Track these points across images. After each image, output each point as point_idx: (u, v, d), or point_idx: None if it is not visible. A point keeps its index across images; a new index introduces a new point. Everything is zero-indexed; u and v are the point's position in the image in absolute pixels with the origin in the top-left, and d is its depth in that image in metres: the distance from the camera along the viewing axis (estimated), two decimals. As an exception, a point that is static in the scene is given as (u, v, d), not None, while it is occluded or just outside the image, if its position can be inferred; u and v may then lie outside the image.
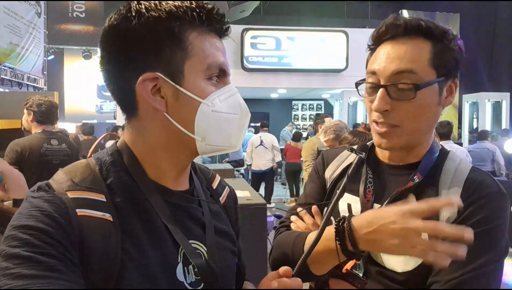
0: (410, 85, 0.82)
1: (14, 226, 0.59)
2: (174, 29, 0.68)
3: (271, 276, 0.75)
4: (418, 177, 0.87)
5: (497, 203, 0.82)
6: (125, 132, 0.77)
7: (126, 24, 0.68)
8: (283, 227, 1.03)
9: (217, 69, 0.72)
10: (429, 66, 0.83)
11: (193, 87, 0.70)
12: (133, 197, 0.70)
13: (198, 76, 0.70)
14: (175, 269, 0.70)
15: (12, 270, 0.55)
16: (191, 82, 0.69)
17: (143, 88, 0.69)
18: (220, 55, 0.73)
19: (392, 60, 0.84)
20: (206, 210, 0.80)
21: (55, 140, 3.09)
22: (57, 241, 0.59)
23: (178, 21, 0.68)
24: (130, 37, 0.68)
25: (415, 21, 0.86)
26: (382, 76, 0.85)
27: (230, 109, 0.73)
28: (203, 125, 0.71)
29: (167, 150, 0.73)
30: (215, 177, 0.92)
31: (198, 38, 0.70)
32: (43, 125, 3.10)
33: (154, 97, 0.69)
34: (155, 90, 0.69)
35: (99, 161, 0.72)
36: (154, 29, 0.68)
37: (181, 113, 0.70)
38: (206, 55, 0.71)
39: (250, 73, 8.78)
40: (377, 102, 0.84)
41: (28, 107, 3.09)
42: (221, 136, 0.74)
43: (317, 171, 1.09)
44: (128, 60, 0.69)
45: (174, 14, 0.68)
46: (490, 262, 0.78)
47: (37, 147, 2.97)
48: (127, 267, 0.64)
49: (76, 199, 0.64)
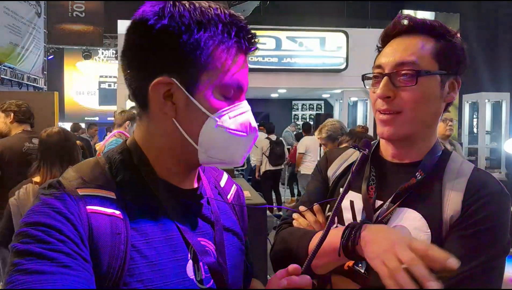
0: (412, 71, 0.86)
1: (26, 223, 0.60)
2: (199, 40, 0.67)
3: (279, 275, 0.74)
4: (420, 174, 0.88)
5: (499, 203, 0.83)
6: (135, 130, 0.78)
7: (157, 22, 0.67)
8: (285, 224, 1.04)
9: (234, 87, 0.71)
10: (431, 58, 0.88)
11: (205, 100, 0.69)
12: (142, 194, 0.71)
13: (212, 90, 0.69)
14: (185, 266, 0.70)
15: (24, 266, 0.56)
16: (203, 94, 0.69)
17: (156, 90, 0.68)
18: (240, 73, 0.72)
19: (396, 52, 0.90)
20: (215, 208, 0.81)
21: (36, 139, 3.02)
22: (68, 237, 0.59)
23: (205, 33, 0.67)
24: (157, 36, 0.67)
25: (420, 19, 0.91)
26: (387, 67, 0.89)
27: (239, 126, 0.72)
28: (207, 138, 0.71)
29: (172, 153, 0.74)
30: (223, 175, 0.93)
31: (222, 54, 0.69)
32: (23, 124, 3.08)
33: (165, 101, 0.69)
34: (168, 94, 0.69)
35: (108, 160, 0.73)
36: (180, 35, 0.66)
37: (189, 122, 0.70)
38: (226, 71, 0.70)
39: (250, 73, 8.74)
40: (381, 88, 0.88)
41: (5, 109, 3.06)
42: (224, 152, 0.73)
43: (320, 169, 1.10)
44: (148, 58, 0.69)
45: (203, 25, 0.67)
46: (491, 260, 0.79)
47: (18, 147, 2.94)
48: (137, 264, 0.65)
49: (86, 196, 0.65)
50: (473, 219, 0.81)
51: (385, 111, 0.89)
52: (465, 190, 0.84)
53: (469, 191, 0.84)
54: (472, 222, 0.80)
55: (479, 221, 0.80)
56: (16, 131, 3.06)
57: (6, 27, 6.73)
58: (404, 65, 0.87)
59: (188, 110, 0.69)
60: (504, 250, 0.81)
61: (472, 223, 0.80)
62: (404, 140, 0.92)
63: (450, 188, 0.86)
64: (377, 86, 0.90)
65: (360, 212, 0.94)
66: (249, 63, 0.78)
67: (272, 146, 7.15)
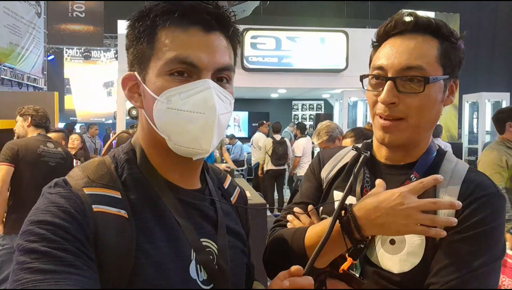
0: (420, 78, 0.82)
1: (32, 221, 0.60)
2: (149, 26, 0.70)
3: (282, 276, 0.74)
4: (415, 176, 0.88)
5: (494, 205, 0.82)
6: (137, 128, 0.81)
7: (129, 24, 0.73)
8: (278, 226, 1.03)
9: (179, 63, 0.68)
10: (436, 62, 0.84)
11: (152, 83, 0.70)
12: (146, 194, 0.71)
13: (158, 71, 0.69)
14: (188, 266, 0.70)
15: (29, 264, 0.56)
16: (151, 77, 0.70)
17: (124, 86, 0.74)
18: (190, 48, 0.68)
19: (401, 55, 0.84)
20: (219, 209, 0.81)
21: (51, 144, 3.17)
22: (73, 236, 0.60)
23: (154, 17, 0.70)
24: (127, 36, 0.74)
25: (426, 18, 0.87)
26: (391, 70, 0.84)
27: (193, 107, 0.67)
28: (161, 123, 0.70)
29: (157, 147, 0.74)
30: (226, 177, 0.93)
31: (167, 34, 0.70)
32: (39, 128, 3.19)
33: (133, 94, 0.74)
34: (135, 88, 0.74)
35: (114, 159, 0.74)
36: (135, 28, 0.72)
37: (149, 110, 0.72)
38: (168, 49, 0.69)
39: (250, 73, 8.77)
40: (385, 94, 0.84)
41: (23, 113, 3.18)
42: (186, 137, 0.69)
43: (313, 170, 1.08)
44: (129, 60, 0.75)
45: (152, 10, 0.70)
46: (488, 263, 0.77)
47: (33, 147, 3.02)
48: (141, 264, 0.65)
49: (92, 195, 0.65)
50: (468, 222, 0.79)
51: (387, 117, 0.86)
52: (459, 192, 0.83)
53: (463, 193, 0.82)
54: (467, 225, 0.79)
55: (474, 224, 0.78)
56: (32, 134, 3.16)
57: (6, 27, 6.73)
58: (410, 70, 0.83)
59: (145, 98, 0.72)
60: (500, 254, 0.80)
61: (467, 226, 0.79)
62: (403, 145, 0.90)
63: (444, 190, 0.84)
64: (378, 89, 0.86)
65: None
66: (249, 63, 0.78)
67: (275, 145, 7.16)
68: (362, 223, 0.78)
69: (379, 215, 0.76)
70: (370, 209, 0.78)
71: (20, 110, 3.22)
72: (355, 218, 0.79)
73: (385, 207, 0.75)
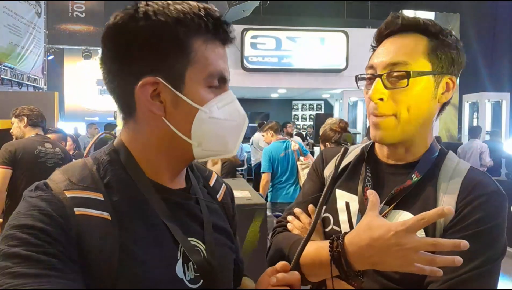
0: (403, 73, 0.84)
1: (13, 226, 0.60)
2: (180, 36, 0.68)
3: (269, 272, 0.76)
4: (416, 176, 0.88)
5: (495, 203, 0.81)
6: (122, 131, 0.77)
7: (133, 24, 0.68)
8: (280, 227, 1.03)
9: (217, 77, 0.73)
10: (423, 58, 0.86)
11: (193, 94, 0.70)
12: (131, 195, 0.70)
13: (198, 83, 0.70)
14: (174, 266, 0.70)
15: (12, 269, 0.55)
16: (191, 89, 0.70)
17: (143, 92, 0.69)
18: (222, 63, 0.73)
19: (389, 53, 0.87)
20: (204, 208, 0.81)
21: (49, 144, 3.12)
22: (55, 239, 0.59)
23: (184, 28, 0.68)
24: (135, 38, 0.68)
25: (413, 18, 0.89)
26: (379, 67, 0.87)
27: (228, 115, 0.74)
28: (200, 131, 0.71)
29: (163, 152, 0.74)
30: (212, 175, 0.93)
31: (202, 46, 0.70)
32: (37, 128, 3.15)
33: (153, 101, 0.69)
34: (155, 94, 0.69)
35: (96, 161, 0.73)
36: (160, 33, 0.67)
37: (179, 119, 0.71)
38: (209, 63, 0.71)
39: (250, 73, 8.78)
40: (372, 90, 0.86)
41: (18, 114, 3.13)
42: (218, 142, 0.74)
43: (316, 169, 1.09)
44: (130, 62, 0.69)
45: (181, 21, 0.68)
46: (488, 261, 0.77)
47: (31, 148, 2.98)
48: (126, 265, 0.64)
49: (73, 198, 0.65)
50: (468, 220, 0.79)
51: (378, 114, 0.87)
52: (459, 190, 0.83)
53: (463, 192, 0.82)
54: (467, 224, 0.78)
55: (474, 222, 0.78)
56: (30, 134, 3.12)
57: (6, 27, 6.73)
58: (395, 66, 0.85)
59: (177, 107, 0.70)
60: (500, 253, 0.80)
61: (467, 225, 0.78)
62: (399, 143, 0.90)
63: (444, 189, 0.84)
64: (370, 88, 0.88)
65: (356, 214, 0.92)
66: (249, 63, 0.79)
67: None
68: (353, 260, 0.77)
69: (372, 254, 0.73)
70: (363, 246, 0.75)
71: (14, 112, 3.16)
72: (345, 254, 0.78)
73: (379, 246, 0.72)
